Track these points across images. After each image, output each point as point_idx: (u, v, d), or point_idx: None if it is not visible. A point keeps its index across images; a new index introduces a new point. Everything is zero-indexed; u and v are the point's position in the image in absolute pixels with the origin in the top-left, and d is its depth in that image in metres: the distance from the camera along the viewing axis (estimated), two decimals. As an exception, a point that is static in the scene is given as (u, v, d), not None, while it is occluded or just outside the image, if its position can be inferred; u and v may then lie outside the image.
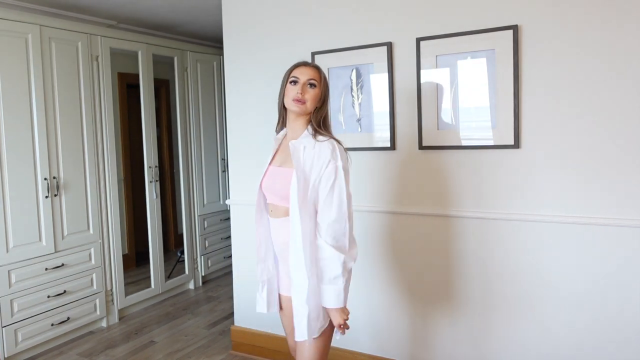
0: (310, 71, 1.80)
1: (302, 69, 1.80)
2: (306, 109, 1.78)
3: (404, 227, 2.55)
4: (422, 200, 2.49)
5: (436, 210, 2.45)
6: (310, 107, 1.78)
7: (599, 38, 2.04)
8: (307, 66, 1.82)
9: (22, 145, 3.00)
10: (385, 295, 2.60)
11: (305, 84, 1.77)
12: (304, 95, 1.76)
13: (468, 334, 2.42)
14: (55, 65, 3.18)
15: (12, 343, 2.95)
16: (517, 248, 2.28)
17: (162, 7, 3.43)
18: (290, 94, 1.78)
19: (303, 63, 1.84)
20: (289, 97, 1.78)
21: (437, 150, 2.42)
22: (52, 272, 3.17)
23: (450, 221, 2.42)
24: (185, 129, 4.26)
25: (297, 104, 1.76)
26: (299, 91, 1.76)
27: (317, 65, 1.86)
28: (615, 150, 2.05)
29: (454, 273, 2.44)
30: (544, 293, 2.23)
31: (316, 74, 1.80)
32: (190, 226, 4.34)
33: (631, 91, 2.00)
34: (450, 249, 2.44)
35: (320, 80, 1.80)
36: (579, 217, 2.13)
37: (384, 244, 2.60)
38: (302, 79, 1.78)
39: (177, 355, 3.08)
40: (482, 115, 2.30)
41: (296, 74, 1.79)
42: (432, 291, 2.50)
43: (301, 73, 1.79)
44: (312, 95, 1.78)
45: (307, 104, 1.77)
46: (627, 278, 2.07)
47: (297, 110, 1.77)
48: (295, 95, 1.76)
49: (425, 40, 2.38)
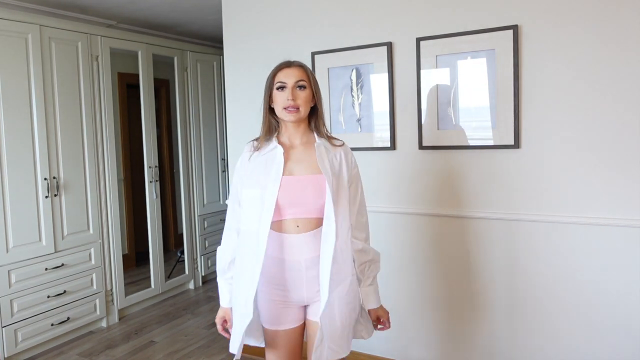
0: (297, 72, 1.63)
1: (286, 72, 1.63)
2: (301, 116, 1.63)
3: (403, 227, 2.55)
4: (422, 200, 2.49)
5: (436, 210, 2.45)
6: (305, 112, 1.64)
7: (599, 38, 2.04)
8: (291, 67, 1.64)
9: (22, 145, 3.00)
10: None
11: (294, 87, 1.61)
12: (296, 101, 1.60)
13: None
14: (55, 65, 3.18)
15: (12, 343, 2.95)
16: (516, 248, 2.28)
17: (162, 7, 3.43)
18: (280, 101, 1.61)
19: (286, 64, 1.65)
20: (279, 105, 1.62)
21: (437, 150, 2.42)
22: (52, 272, 3.17)
23: (450, 221, 2.42)
24: (185, 129, 4.26)
25: (291, 112, 1.60)
26: (290, 97, 1.59)
27: (301, 63, 1.68)
28: (616, 150, 2.05)
29: (453, 272, 2.44)
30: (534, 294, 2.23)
31: (303, 74, 1.63)
32: (190, 226, 4.34)
33: (631, 91, 2.00)
34: (451, 249, 2.44)
35: (309, 79, 1.64)
36: (579, 217, 2.13)
37: (383, 244, 2.60)
38: (290, 82, 1.61)
39: (177, 355, 3.08)
40: (482, 115, 2.30)
41: (282, 79, 1.62)
42: (432, 290, 2.50)
43: (287, 76, 1.62)
44: (304, 98, 1.62)
45: (301, 109, 1.61)
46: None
47: (293, 119, 1.62)
48: (287, 103, 1.59)
49: (425, 40, 2.38)
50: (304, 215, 1.60)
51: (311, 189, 1.59)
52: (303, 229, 1.60)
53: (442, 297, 2.48)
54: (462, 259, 2.41)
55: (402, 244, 2.56)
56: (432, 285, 2.50)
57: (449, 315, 2.48)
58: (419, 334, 2.56)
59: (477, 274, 2.38)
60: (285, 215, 1.60)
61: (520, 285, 2.28)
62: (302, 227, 1.60)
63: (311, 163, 1.63)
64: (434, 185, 2.45)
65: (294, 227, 1.60)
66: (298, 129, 1.67)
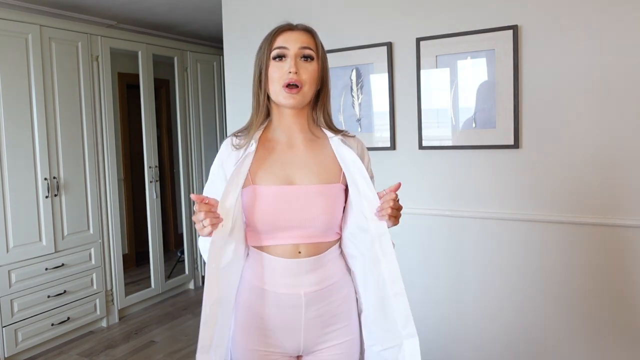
0: (303, 36, 1.18)
1: (289, 34, 1.18)
2: (304, 98, 1.18)
3: (403, 227, 2.54)
4: (421, 200, 2.49)
5: (436, 210, 2.45)
6: (310, 94, 1.18)
7: (598, 38, 2.04)
8: (294, 30, 1.20)
9: (22, 145, 3.00)
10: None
11: (298, 56, 1.16)
12: (300, 75, 1.15)
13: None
14: (55, 65, 3.18)
15: (12, 343, 2.95)
16: (517, 248, 2.28)
17: (162, 7, 3.43)
18: (277, 76, 1.16)
19: (287, 26, 1.21)
20: (275, 82, 1.17)
21: (437, 150, 2.42)
22: (52, 272, 3.17)
23: (451, 221, 2.42)
24: (185, 129, 4.26)
25: (292, 92, 1.15)
26: (292, 68, 1.14)
27: (308, 26, 1.23)
28: (616, 150, 2.05)
29: (452, 273, 2.44)
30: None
31: (310, 40, 1.19)
32: (190, 226, 4.34)
33: (631, 90, 2.00)
34: (451, 249, 2.44)
35: (317, 49, 1.20)
36: (579, 217, 2.13)
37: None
38: (292, 48, 1.16)
39: (177, 355, 3.08)
40: (482, 115, 2.30)
41: (281, 43, 1.17)
42: (432, 289, 2.50)
43: (288, 40, 1.17)
44: (311, 73, 1.17)
45: (305, 88, 1.16)
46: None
47: (293, 103, 1.16)
48: (287, 77, 1.14)
49: (425, 40, 2.38)
50: (309, 240, 1.18)
51: (321, 204, 1.16)
52: (305, 254, 1.18)
53: (431, 295, 2.48)
54: (462, 259, 2.41)
55: (402, 244, 2.56)
56: (432, 285, 2.50)
57: (450, 314, 2.48)
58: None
59: (477, 273, 2.38)
60: (276, 240, 1.18)
61: (521, 285, 2.28)
62: (304, 253, 1.18)
63: (320, 167, 1.20)
64: (434, 185, 2.45)
65: (293, 252, 1.18)
66: (298, 119, 1.23)
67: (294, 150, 1.23)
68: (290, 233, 1.17)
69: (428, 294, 2.52)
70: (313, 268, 1.18)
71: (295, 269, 1.17)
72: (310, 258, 1.18)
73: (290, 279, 1.17)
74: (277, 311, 1.19)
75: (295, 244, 1.18)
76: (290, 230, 1.16)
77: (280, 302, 1.18)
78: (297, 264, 1.17)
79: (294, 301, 1.18)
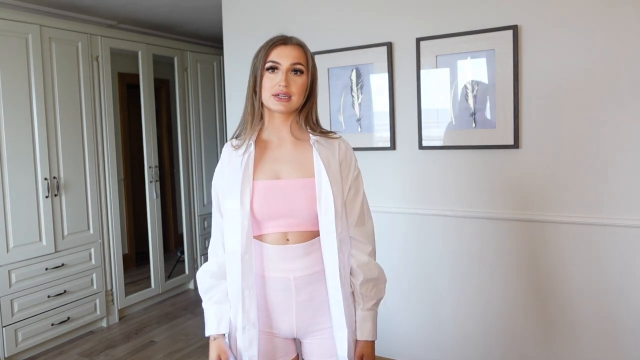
0: (294, 52, 1.33)
1: (282, 50, 1.33)
2: (293, 106, 1.34)
3: (403, 227, 2.55)
4: (421, 200, 2.49)
5: (436, 210, 2.45)
6: (298, 102, 1.34)
7: (598, 38, 2.05)
8: (288, 44, 1.34)
9: (22, 145, 3.00)
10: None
11: (289, 70, 1.32)
12: (289, 88, 1.31)
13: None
14: (55, 65, 3.18)
15: (12, 343, 2.95)
16: (516, 248, 2.28)
17: (162, 7, 3.43)
18: (269, 86, 1.32)
19: (281, 40, 1.35)
20: (267, 90, 1.32)
21: (437, 150, 2.42)
22: (52, 272, 3.17)
23: (451, 221, 2.42)
24: (185, 129, 4.26)
25: (281, 101, 1.31)
26: (282, 82, 1.30)
27: (300, 40, 1.37)
28: (616, 150, 2.05)
29: (453, 273, 2.44)
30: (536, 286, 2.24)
31: (301, 55, 1.34)
32: (190, 226, 4.34)
33: (631, 90, 2.00)
34: (451, 248, 2.44)
35: (307, 63, 1.35)
36: (579, 217, 2.14)
37: (384, 244, 2.60)
38: (284, 64, 1.31)
39: (177, 355, 3.08)
40: (482, 115, 2.30)
41: (275, 58, 1.32)
42: (433, 289, 2.50)
43: (281, 55, 1.32)
44: (300, 86, 1.33)
45: (294, 98, 1.32)
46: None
47: (282, 109, 1.33)
48: (277, 89, 1.30)
49: (425, 40, 2.38)
50: (295, 228, 1.33)
51: (303, 196, 1.32)
52: (293, 241, 1.33)
53: (432, 295, 2.48)
54: (463, 259, 2.41)
55: (402, 244, 2.56)
56: (429, 285, 2.50)
57: (448, 312, 2.48)
58: (422, 335, 2.56)
59: (477, 273, 2.38)
60: (268, 229, 1.33)
61: (521, 285, 2.28)
62: (292, 240, 1.33)
63: (303, 164, 1.35)
64: (434, 185, 2.45)
65: (282, 240, 1.33)
66: (286, 121, 1.38)
67: (282, 149, 1.38)
68: (278, 222, 1.33)
69: (428, 294, 2.52)
70: (301, 255, 1.33)
71: (285, 255, 1.33)
72: (298, 245, 1.32)
73: (281, 264, 1.33)
74: (274, 295, 1.34)
75: (284, 232, 1.33)
76: (278, 219, 1.32)
77: (275, 286, 1.34)
78: (285, 250, 1.32)
79: (285, 284, 1.33)
